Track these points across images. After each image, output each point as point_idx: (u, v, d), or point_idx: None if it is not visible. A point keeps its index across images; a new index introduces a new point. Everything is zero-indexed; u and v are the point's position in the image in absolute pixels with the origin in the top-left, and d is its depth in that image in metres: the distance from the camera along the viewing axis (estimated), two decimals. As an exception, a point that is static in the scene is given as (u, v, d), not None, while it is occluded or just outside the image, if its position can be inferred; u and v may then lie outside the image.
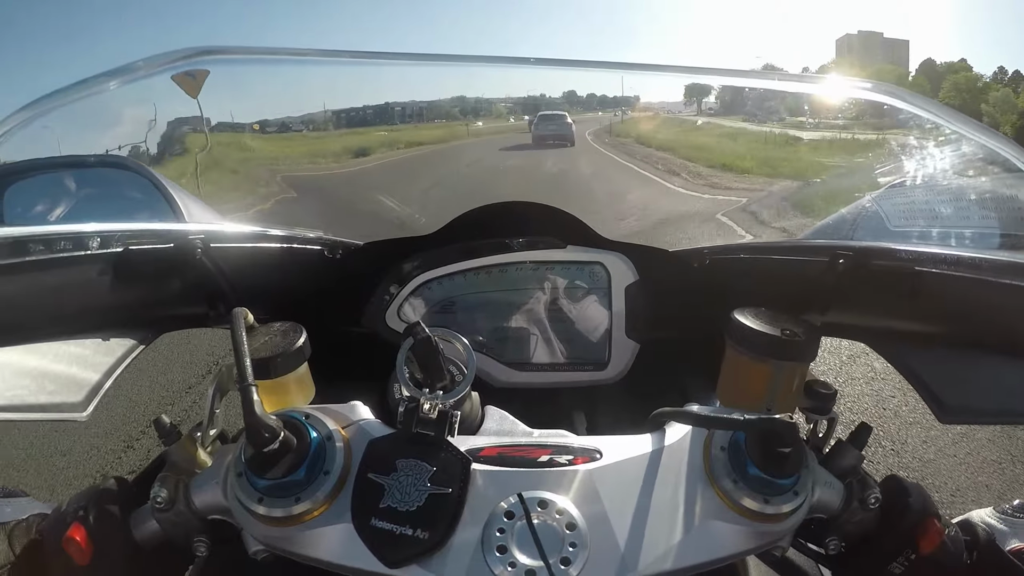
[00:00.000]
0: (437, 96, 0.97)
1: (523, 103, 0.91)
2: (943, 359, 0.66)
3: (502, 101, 0.94)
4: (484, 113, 0.95)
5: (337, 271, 0.83)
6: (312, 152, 1.06)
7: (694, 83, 0.88)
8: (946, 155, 0.84)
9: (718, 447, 0.47)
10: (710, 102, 0.97)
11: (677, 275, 0.85)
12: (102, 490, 0.46)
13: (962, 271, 0.63)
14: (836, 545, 0.50)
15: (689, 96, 0.93)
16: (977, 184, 0.86)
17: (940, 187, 0.93)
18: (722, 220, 0.87)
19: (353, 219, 0.97)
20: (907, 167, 0.93)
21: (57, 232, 0.64)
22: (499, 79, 0.88)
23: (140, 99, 0.82)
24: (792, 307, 0.61)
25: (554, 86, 0.86)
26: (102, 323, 0.67)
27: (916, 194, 0.92)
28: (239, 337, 0.46)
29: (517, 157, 0.89)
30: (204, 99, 0.98)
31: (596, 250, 0.86)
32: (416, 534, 0.42)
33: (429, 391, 0.48)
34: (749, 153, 0.97)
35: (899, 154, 0.90)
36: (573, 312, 0.87)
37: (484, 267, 0.86)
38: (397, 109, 0.98)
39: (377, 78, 0.97)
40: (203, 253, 0.69)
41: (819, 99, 0.88)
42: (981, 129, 0.67)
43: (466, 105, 0.96)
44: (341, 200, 1.04)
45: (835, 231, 0.86)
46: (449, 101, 0.97)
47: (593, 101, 0.92)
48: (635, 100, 0.93)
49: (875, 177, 0.89)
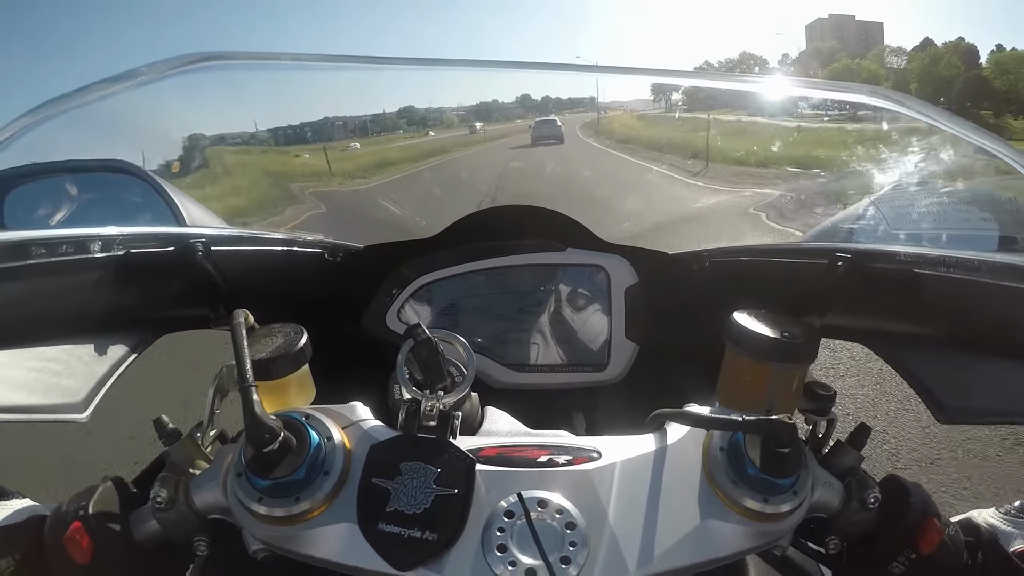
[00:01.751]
0: (439, 102, 1.09)
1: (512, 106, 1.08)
2: (942, 360, 0.67)
3: (507, 106, 1.08)
4: (498, 117, 1.11)
5: (338, 274, 0.84)
6: (315, 162, 1.09)
7: (659, 83, 1.00)
8: (944, 158, 0.84)
9: (717, 447, 0.47)
10: (676, 98, 1.07)
11: (677, 277, 0.85)
12: (102, 490, 0.46)
13: (961, 273, 0.63)
14: (836, 545, 0.50)
15: (656, 94, 1.06)
16: (976, 186, 0.87)
17: (939, 189, 0.93)
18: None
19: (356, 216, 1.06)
20: (906, 170, 0.93)
21: (59, 236, 0.64)
22: (494, 84, 1.02)
23: (143, 105, 0.83)
24: (791, 309, 0.61)
25: (536, 89, 1.05)
26: (103, 325, 0.67)
27: (915, 196, 0.93)
28: (240, 338, 0.46)
29: (523, 152, 1.12)
30: (206, 105, 0.99)
31: (596, 252, 0.86)
32: (425, 536, 0.42)
33: (429, 392, 0.48)
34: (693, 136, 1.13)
35: (898, 157, 0.90)
36: (573, 314, 0.87)
37: (484, 269, 0.86)
38: (393, 115, 1.10)
39: (379, 82, 1.00)
40: (204, 256, 0.70)
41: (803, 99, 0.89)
42: (979, 132, 0.67)
43: (473, 109, 1.11)
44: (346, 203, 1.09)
45: (834, 233, 0.87)
46: (462, 106, 1.11)
47: (549, 103, 1.08)
48: (589, 100, 1.11)
49: (871, 180, 0.90)
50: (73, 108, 0.65)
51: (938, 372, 0.66)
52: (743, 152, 1.06)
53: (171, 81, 0.69)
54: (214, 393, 0.51)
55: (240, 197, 1.05)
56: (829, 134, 0.88)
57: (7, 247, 0.60)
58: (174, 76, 0.68)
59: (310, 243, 0.84)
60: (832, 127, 0.88)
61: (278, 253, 0.82)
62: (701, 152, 1.11)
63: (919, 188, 0.94)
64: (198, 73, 0.70)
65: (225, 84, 0.89)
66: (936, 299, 0.65)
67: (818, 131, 0.90)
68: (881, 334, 0.72)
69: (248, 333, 0.49)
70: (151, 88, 0.69)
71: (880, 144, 0.90)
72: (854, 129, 0.87)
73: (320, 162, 1.05)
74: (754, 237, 0.95)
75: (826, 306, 0.71)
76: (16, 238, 0.63)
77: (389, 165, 1.12)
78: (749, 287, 0.80)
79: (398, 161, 1.13)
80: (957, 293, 0.64)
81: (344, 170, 1.09)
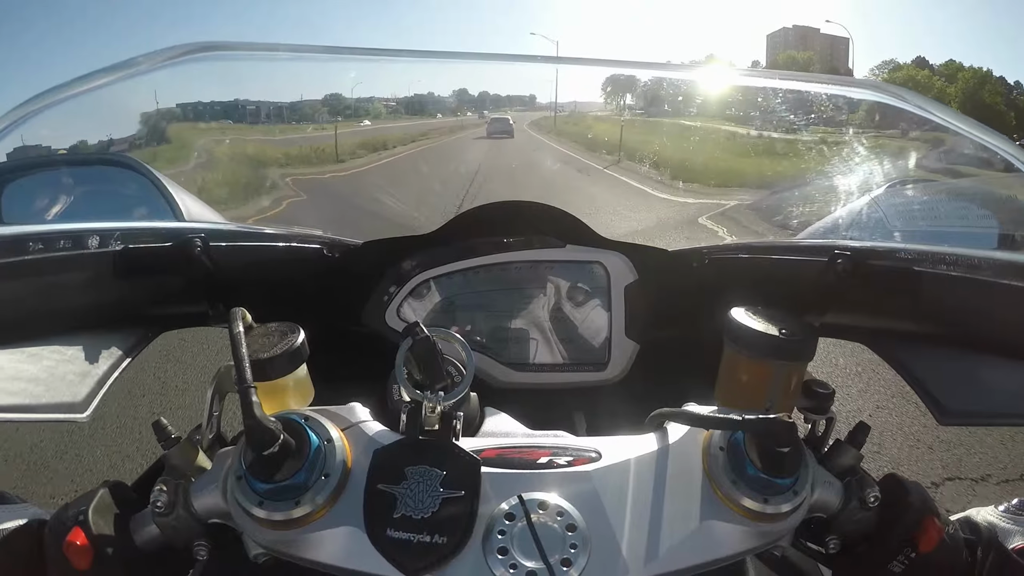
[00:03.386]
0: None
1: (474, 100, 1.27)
2: (942, 360, 0.67)
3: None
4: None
5: (336, 270, 0.83)
6: (311, 149, 1.13)
7: (616, 79, 1.14)
8: (944, 154, 0.84)
9: (717, 447, 0.47)
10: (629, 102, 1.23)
11: (676, 275, 0.85)
12: (102, 494, 0.46)
13: (960, 271, 0.63)
14: (836, 544, 0.50)
15: (611, 94, 1.19)
16: (975, 184, 0.86)
17: (938, 187, 0.93)
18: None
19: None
20: (905, 166, 0.93)
21: (56, 231, 0.63)
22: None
23: (140, 95, 0.82)
24: (791, 307, 0.61)
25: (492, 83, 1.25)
26: (101, 322, 0.67)
27: (915, 194, 0.92)
28: (237, 339, 0.46)
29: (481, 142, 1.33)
30: (200, 95, 0.99)
31: (595, 249, 0.86)
32: (434, 540, 0.42)
33: (429, 392, 0.48)
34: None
35: (901, 154, 0.90)
36: (572, 312, 0.87)
37: (483, 266, 0.86)
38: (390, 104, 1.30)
39: (375, 73, 1.04)
40: (203, 252, 0.69)
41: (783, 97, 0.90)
42: (980, 128, 0.67)
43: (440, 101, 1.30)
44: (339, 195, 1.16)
45: (834, 231, 0.87)
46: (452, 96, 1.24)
47: (486, 99, 1.31)
48: (531, 98, 1.33)
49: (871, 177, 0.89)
50: (70, 99, 0.64)
51: (938, 372, 0.66)
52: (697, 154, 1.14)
53: (167, 71, 0.69)
54: (213, 394, 0.51)
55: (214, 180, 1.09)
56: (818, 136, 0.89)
57: (3, 242, 0.60)
58: (171, 66, 0.68)
59: (309, 238, 0.84)
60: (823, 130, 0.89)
61: (277, 249, 0.82)
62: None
63: (919, 185, 0.93)
64: (193, 64, 0.69)
65: (220, 74, 0.89)
66: (936, 297, 0.65)
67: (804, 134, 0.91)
68: (880, 333, 0.72)
69: (246, 332, 0.49)
70: (148, 78, 0.69)
71: (880, 140, 0.90)
72: (852, 123, 0.87)
73: (304, 150, 1.18)
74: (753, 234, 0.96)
75: (825, 304, 0.71)
76: (12, 233, 0.62)
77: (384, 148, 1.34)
78: (749, 284, 0.80)
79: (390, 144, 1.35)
80: (957, 291, 0.64)
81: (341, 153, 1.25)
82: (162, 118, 0.95)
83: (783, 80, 0.87)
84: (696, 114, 0.97)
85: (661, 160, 1.23)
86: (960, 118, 0.68)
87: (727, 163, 1.10)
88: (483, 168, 1.24)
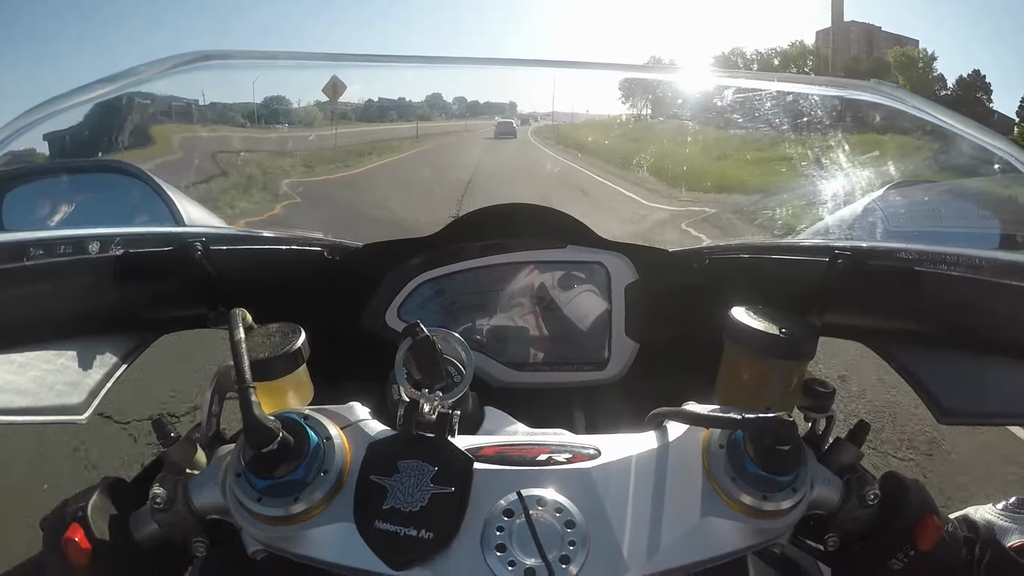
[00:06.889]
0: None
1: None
2: (942, 360, 0.67)
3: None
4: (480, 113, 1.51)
5: (336, 272, 0.84)
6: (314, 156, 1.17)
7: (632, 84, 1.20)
8: (944, 155, 0.84)
9: (716, 445, 0.47)
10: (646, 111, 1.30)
11: (677, 275, 0.85)
12: (101, 491, 0.46)
13: (961, 271, 0.63)
14: (835, 542, 0.50)
15: (627, 98, 1.36)
16: (976, 184, 0.86)
17: (938, 187, 0.93)
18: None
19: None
20: (906, 167, 0.93)
21: (57, 236, 0.64)
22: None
23: (141, 103, 0.83)
24: (791, 307, 0.61)
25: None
26: (101, 326, 0.67)
27: (915, 194, 0.93)
28: (237, 338, 0.46)
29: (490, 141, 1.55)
30: (201, 102, 1.00)
31: (596, 250, 0.86)
32: (420, 534, 0.42)
33: (428, 391, 0.48)
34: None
35: (897, 154, 0.90)
36: (573, 312, 0.87)
37: (483, 267, 0.86)
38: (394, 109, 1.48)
39: (374, 79, 1.06)
40: (203, 255, 0.70)
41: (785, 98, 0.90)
42: (979, 128, 0.67)
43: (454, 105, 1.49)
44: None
45: (834, 231, 0.87)
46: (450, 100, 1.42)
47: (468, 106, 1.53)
48: (509, 105, 1.53)
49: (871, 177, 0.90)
50: (71, 108, 0.65)
51: (938, 371, 0.66)
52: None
53: (168, 80, 0.70)
54: (212, 394, 0.51)
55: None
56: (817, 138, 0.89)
57: (5, 248, 0.60)
58: (173, 74, 0.69)
59: (309, 241, 0.84)
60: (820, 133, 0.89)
61: (277, 252, 0.82)
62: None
63: (918, 186, 0.93)
64: (195, 72, 0.70)
65: (223, 82, 0.90)
66: (936, 297, 0.65)
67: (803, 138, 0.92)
68: (881, 332, 0.72)
69: (246, 333, 0.49)
70: (149, 87, 0.70)
71: (880, 141, 0.90)
72: (850, 124, 0.87)
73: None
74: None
75: (826, 303, 0.71)
76: (14, 239, 0.63)
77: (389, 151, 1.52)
78: (749, 284, 0.80)
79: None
80: (957, 291, 0.64)
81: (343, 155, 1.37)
82: (162, 125, 0.96)
83: (783, 83, 0.87)
84: (689, 117, 0.97)
85: (659, 165, 1.28)
86: (959, 119, 0.69)
87: (710, 166, 1.12)
88: (482, 163, 1.44)
